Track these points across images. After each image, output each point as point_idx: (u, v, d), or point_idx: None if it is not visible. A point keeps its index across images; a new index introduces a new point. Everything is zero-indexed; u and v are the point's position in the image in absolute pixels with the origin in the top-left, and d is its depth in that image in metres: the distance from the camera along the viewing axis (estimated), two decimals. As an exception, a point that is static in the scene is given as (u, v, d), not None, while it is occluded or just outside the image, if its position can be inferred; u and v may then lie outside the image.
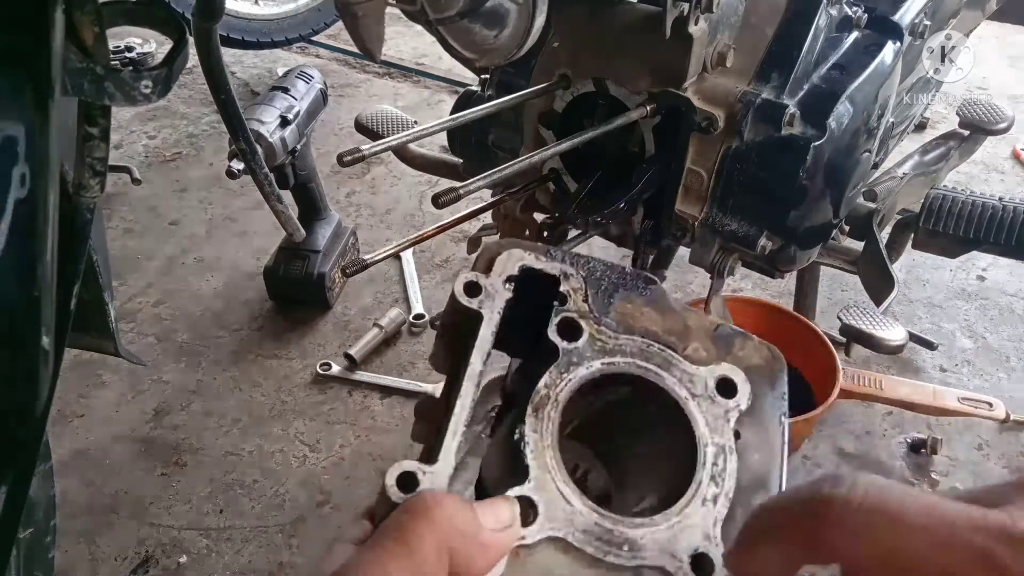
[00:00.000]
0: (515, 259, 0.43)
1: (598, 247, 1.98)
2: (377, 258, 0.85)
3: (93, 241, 0.61)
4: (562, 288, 0.42)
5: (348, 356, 1.62)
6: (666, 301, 0.44)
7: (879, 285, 1.11)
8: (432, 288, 1.85)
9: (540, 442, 0.37)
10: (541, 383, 0.39)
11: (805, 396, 1.45)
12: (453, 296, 0.41)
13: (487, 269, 0.43)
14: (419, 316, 1.75)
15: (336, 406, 1.56)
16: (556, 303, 0.42)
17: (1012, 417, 1.50)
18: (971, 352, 1.71)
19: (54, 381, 0.51)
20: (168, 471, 1.43)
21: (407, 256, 1.92)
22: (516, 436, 0.38)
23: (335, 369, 1.61)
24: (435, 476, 0.36)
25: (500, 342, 0.42)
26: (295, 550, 1.30)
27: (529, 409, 0.38)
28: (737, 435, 0.40)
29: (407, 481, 0.35)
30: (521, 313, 0.42)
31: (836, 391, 1.34)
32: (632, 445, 0.44)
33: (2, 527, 0.48)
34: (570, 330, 0.41)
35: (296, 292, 1.76)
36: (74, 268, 0.57)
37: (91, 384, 1.59)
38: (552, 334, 0.41)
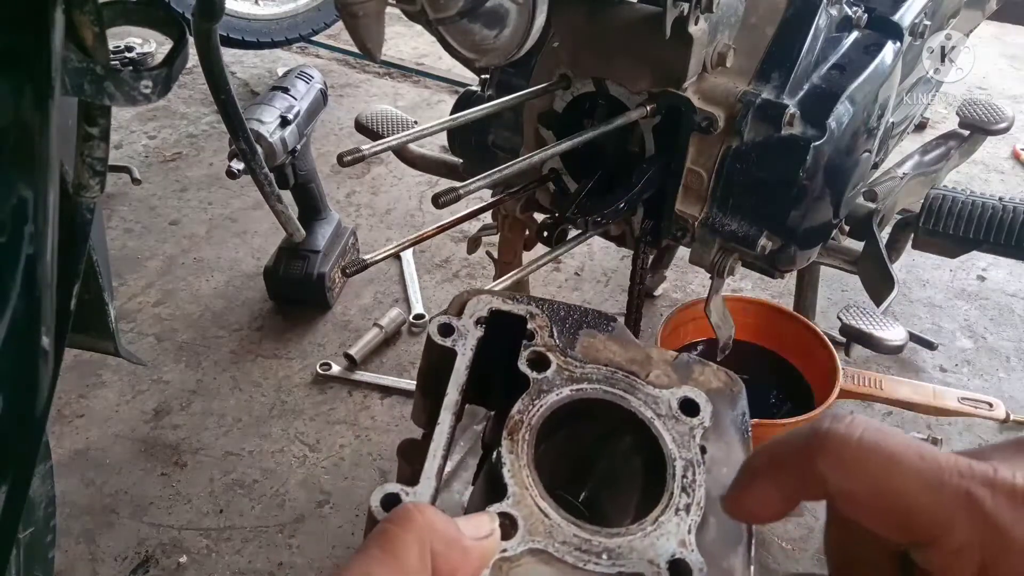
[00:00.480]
0: (484, 303, 0.47)
1: (598, 247, 1.99)
2: (377, 258, 0.85)
3: (93, 241, 0.61)
4: (529, 326, 0.46)
5: (348, 356, 1.62)
6: (627, 336, 0.48)
7: (879, 285, 1.11)
8: (432, 288, 1.86)
9: (516, 462, 0.39)
10: (514, 409, 0.41)
11: (805, 396, 1.45)
12: (429, 338, 0.45)
13: (459, 313, 0.46)
14: (419, 316, 1.75)
15: (336, 406, 1.56)
16: (525, 340, 0.45)
17: (1012, 417, 1.50)
18: (971, 352, 1.71)
19: (54, 381, 0.51)
20: (168, 471, 1.43)
21: (407, 256, 1.92)
22: (494, 458, 0.40)
23: (335, 369, 1.61)
24: (417, 497, 0.38)
25: (477, 396, 0.45)
26: (295, 550, 1.30)
27: (504, 433, 0.40)
28: (703, 450, 0.42)
29: (391, 502, 0.37)
30: (495, 363, 0.45)
31: (836, 391, 1.34)
32: (603, 468, 0.46)
33: (2, 527, 0.48)
34: (539, 362, 0.44)
35: (296, 292, 1.76)
36: (74, 268, 0.57)
37: (91, 384, 1.59)
38: (522, 366, 0.44)
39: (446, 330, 0.45)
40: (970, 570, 0.28)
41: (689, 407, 0.43)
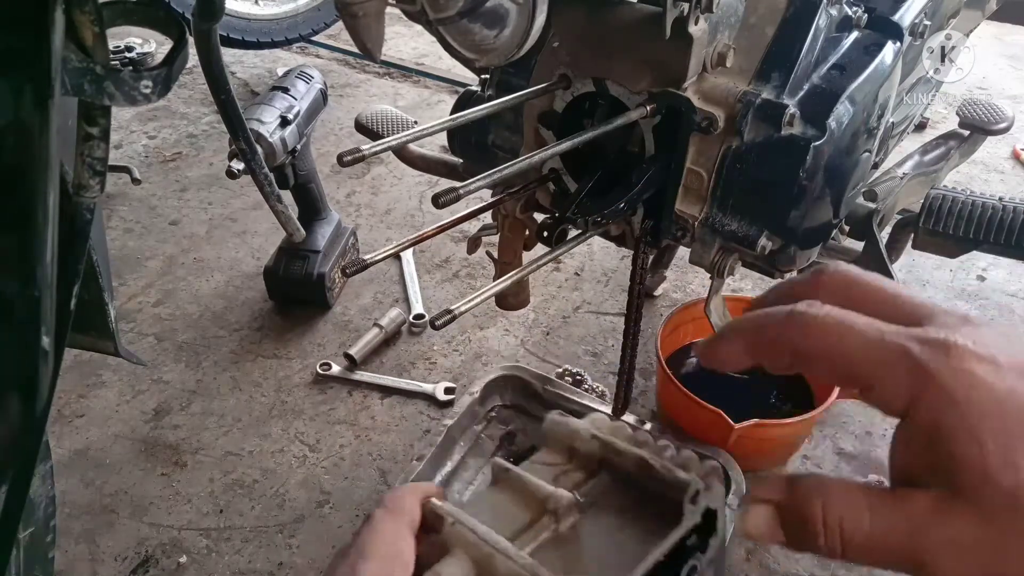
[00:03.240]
0: None
1: (598, 247, 1.99)
2: (377, 258, 0.85)
3: (93, 241, 0.61)
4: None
5: (348, 356, 1.62)
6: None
7: (879, 285, 1.10)
8: (432, 288, 1.86)
9: None
10: None
11: (805, 396, 1.45)
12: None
13: None
14: (419, 316, 1.75)
15: (336, 406, 1.56)
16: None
17: (1012, 417, 1.50)
18: (971, 352, 1.71)
19: (54, 381, 0.51)
20: (168, 471, 1.43)
21: (407, 256, 1.92)
22: None
23: (335, 369, 1.61)
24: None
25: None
26: (295, 550, 1.30)
27: None
28: None
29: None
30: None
31: (836, 391, 1.34)
32: None
33: (2, 527, 0.48)
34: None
35: (296, 292, 1.76)
36: (74, 268, 0.57)
37: (91, 384, 1.59)
38: None
39: None
40: (899, 405, 0.34)
41: None
